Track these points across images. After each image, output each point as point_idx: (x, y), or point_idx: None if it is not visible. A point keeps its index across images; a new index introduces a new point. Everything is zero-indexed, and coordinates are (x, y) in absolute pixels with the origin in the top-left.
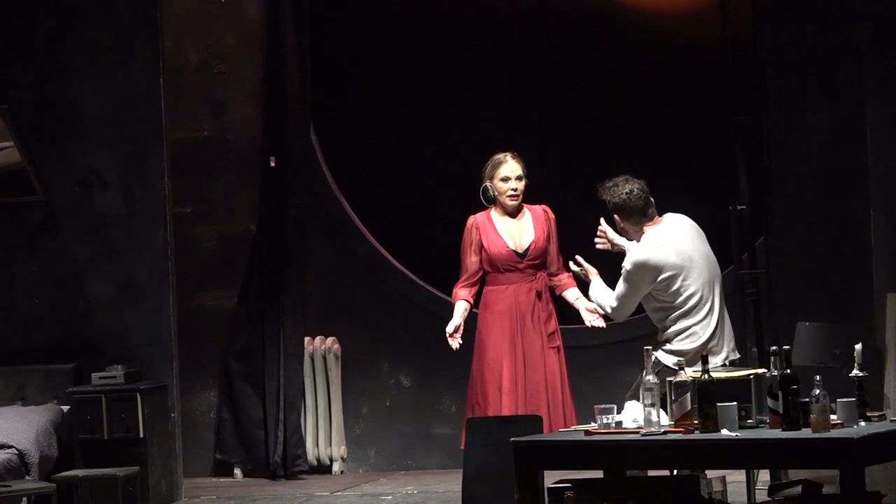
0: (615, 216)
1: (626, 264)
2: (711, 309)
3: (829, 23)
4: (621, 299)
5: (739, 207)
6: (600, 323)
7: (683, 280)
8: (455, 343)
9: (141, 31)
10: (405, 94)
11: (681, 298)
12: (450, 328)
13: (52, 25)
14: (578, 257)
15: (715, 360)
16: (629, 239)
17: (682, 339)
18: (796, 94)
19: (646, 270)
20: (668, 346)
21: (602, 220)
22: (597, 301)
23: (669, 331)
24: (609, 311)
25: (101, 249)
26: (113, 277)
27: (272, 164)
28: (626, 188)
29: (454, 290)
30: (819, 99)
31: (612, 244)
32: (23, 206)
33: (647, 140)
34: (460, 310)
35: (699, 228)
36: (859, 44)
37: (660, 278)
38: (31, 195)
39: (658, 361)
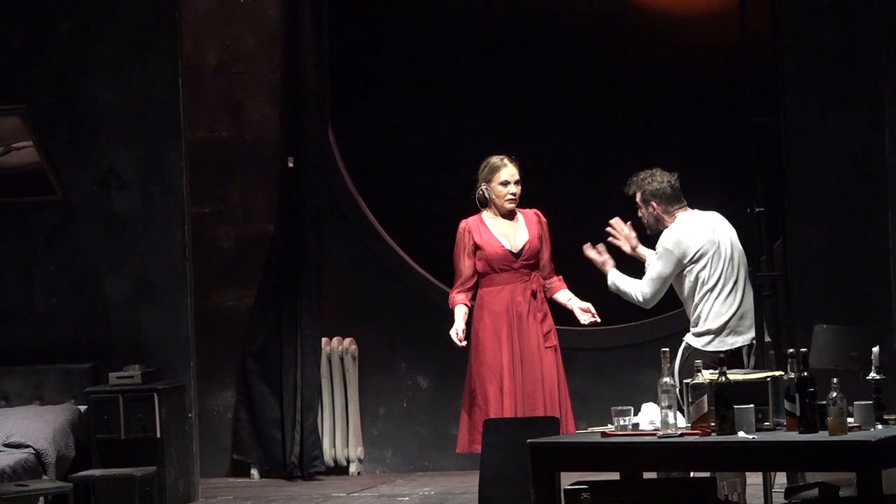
0: (653, 203)
1: (665, 243)
2: (735, 288)
3: (848, 24)
4: (657, 280)
5: (757, 210)
6: (596, 318)
7: (712, 258)
8: (462, 343)
9: (160, 30)
10: (423, 94)
11: (705, 276)
12: (454, 334)
13: (70, 25)
14: (601, 246)
15: (739, 340)
16: (658, 227)
17: (706, 319)
18: (815, 96)
19: (681, 247)
20: (695, 329)
21: (628, 224)
22: (623, 289)
23: (697, 312)
24: (640, 297)
25: (118, 249)
26: (131, 277)
27: (290, 165)
28: (664, 177)
29: (451, 296)
30: (837, 100)
31: (632, 247)
32: (41, 205)
33: (665, 142)
34: (461, 314)
35: (728, 223)
36: (878, 45)
37: (692, 255)
38: (49, 195)
39: (688, 346)
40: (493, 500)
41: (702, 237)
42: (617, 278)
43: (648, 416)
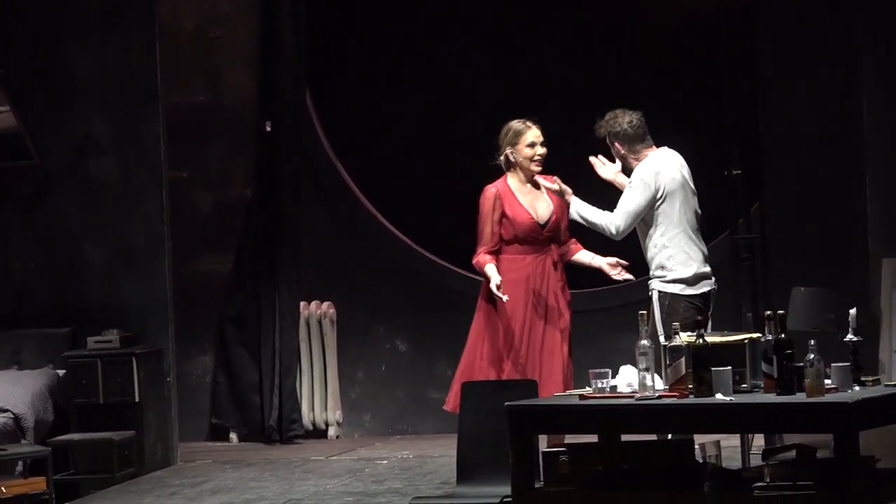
0: (616, 144)
1: (642, 175)
2: (699, 232)
3: None
4: (631, 213)
5: (735, 172)
6: (629, 275)
7: (682, 200)
8: (505, 297)
9: None
10: (401, 58)
11: (673, 216)
12: (494, 287)
13: None
14: (556, 178)
15: (710, 283)
16: (628, 166)
17: (677, 266)
18: (791, 60)
19: (658, 181)
20: (664, 274)
21: (600, 157)
22: (591, 220)
23: (667, 255)
24: (613, 229)
25: (96, 214)
26: (108, 242)
27: (268, 130)
28: (626, 118)
29: (478, 257)
30: (814, 64)
31: (615, 171)
32: (18, 170)
33: (642, 105)
34: (494, 270)
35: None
36: (855, 9)
37: (665, 191)
38: (26, 160)
39: (664, 293)
40: (471, 463)
41: (674, 177)
42: (582, 208)
43: (626, 379)
